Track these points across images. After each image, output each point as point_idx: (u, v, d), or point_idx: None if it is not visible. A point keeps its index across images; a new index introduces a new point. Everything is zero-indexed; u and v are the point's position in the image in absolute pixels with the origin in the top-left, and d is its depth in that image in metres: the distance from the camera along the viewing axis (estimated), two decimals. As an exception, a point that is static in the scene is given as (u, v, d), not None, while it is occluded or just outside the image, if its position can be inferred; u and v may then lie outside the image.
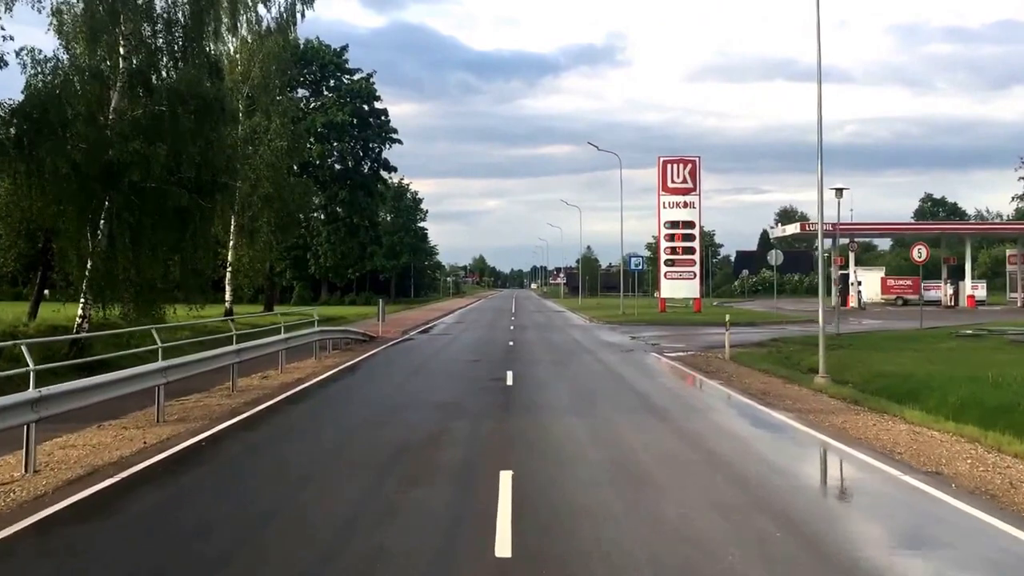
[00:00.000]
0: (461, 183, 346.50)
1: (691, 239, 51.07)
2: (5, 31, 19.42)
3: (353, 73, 72.36)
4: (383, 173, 76.53)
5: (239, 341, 16.58)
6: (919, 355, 20.97)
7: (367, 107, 72.76)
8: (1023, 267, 57.54)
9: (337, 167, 71.81)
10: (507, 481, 8.02)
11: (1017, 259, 59.07)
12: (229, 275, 38.02)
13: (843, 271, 59.27)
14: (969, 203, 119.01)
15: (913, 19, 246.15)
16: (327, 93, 71.24)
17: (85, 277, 21.11)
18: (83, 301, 21.41)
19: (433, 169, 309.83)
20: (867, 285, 60.47)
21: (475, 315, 53.22)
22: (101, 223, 21.11)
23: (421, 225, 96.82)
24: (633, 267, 55.97)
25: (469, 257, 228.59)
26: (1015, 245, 61.36)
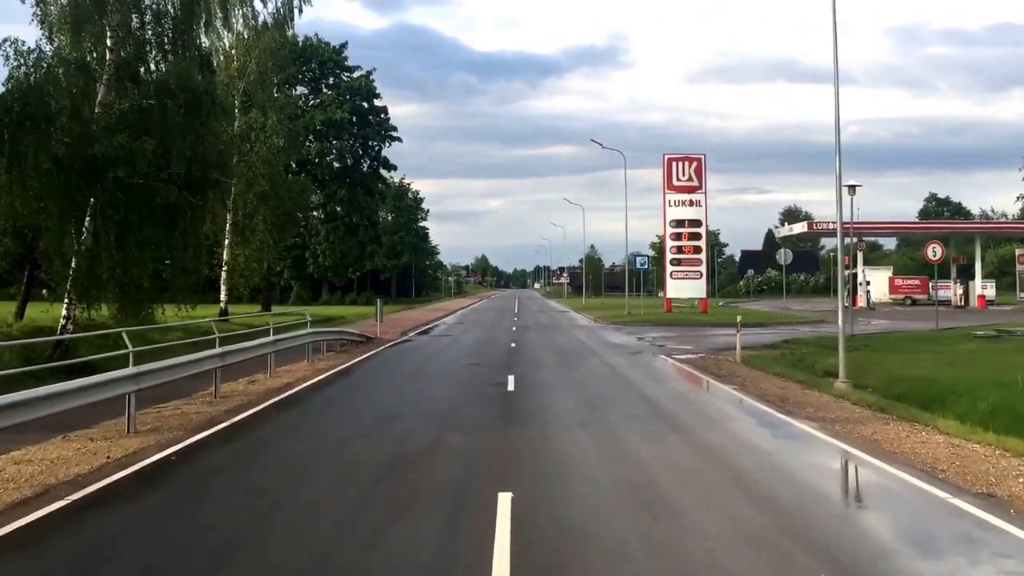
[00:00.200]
0: (463, 183, 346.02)
1: (697, 238, 50.11)
2: None
3: (353, 71, 71.48)
4: (383, 171, 75.77)
5: (228, 343, 15.91)
6: (938, 357, 20.35)
7: (366, 105, 71.87)
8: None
9: (336, 165, 70.93)
10: (505, 505, 7.09)
11: (1027, 258, 58.22)
12: (224, 274, 37.26)
13: (851, 271, 58.39)
14: (973, 203, 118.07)
15: (912, 21, 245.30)
16: (326, 91, 70.34)
17: (69, 276, 20.56)
18: (67, 301, 20.93)
19: (435, 169, 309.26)
20: (875, 285, 59.56)
21: (477, 315, 52.28)
22: (87, 220, 20.54)
23: (422, 224, 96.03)
24: (639, 266, 55.05)
25: (471, 257, 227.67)
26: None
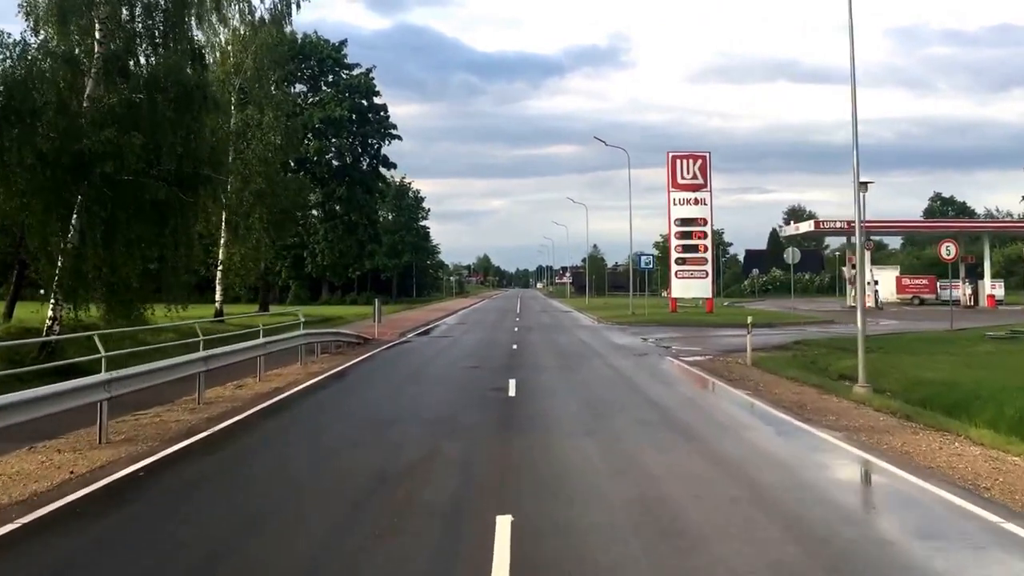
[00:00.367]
0: (465, 183, 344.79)
1: (703, 236, 49.26)
2: None
3: (352, 68, 70.77)
4: (382, 170, 75.09)
5: (219, 344, 15.23)
6: (955, 359, 19.62)
7: (366, 102, 71.14)
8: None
9: (335, 163, 70.19)
10: (504, 531, 6.32)
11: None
12: (220, 274, 36.54)
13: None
14: (975, 203, 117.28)
15: (912, 22, 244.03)
16: (325, 88, 69.59)
17: (55, 276, 19.85)
18: (53, 301, 20.28)
19: (436, 169, 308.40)
20: (883, 284, 58.63)
21: (478, 316, 51.46)
22: (73, 218, 19.83)
23: (423, 224, 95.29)
24: (643, 266, 54.14)
25: (473, 257, 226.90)
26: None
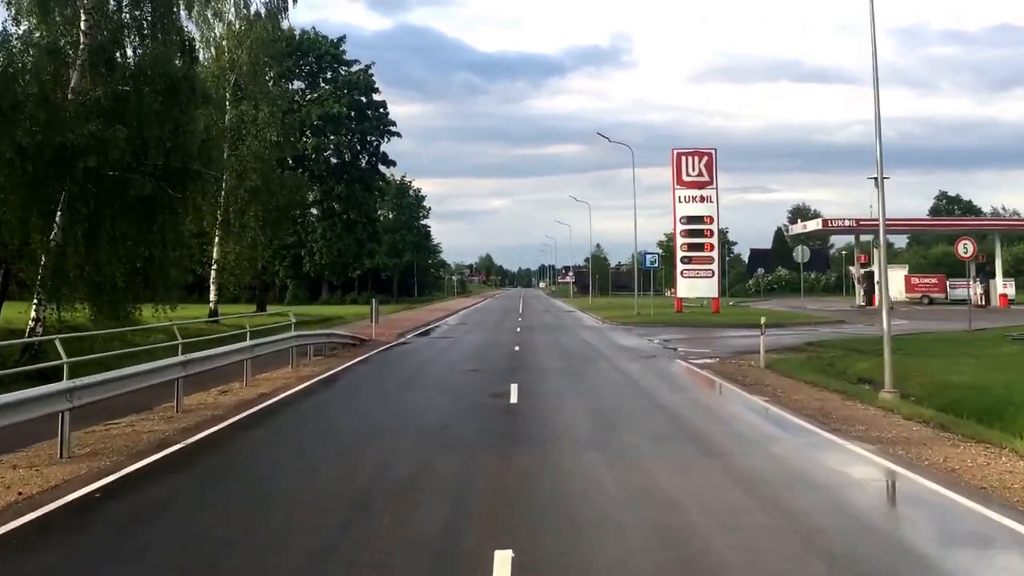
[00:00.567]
0: (467, 183, 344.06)
1: (709, 235, 48.29)
2: None
3: (351, 65, 69.79)
4: (382, 168, 74.12)
5: (209, 347, 14.48)
6: (980, 361, 18.77)
7: (365, 99, 70.22)
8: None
9: (333, 161, 69.20)
10: (504, 569, 5.40)
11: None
12: (214, 273, 35.65)
13: (866, 269, 56.53)
14: (981, 202, 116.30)
15: (913, 22, 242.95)
16: (324, 85, 68.64)
17: (38, 275, 19.07)
18: (36, 301, 19.48)
19: (438, 169, 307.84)
20: (892, 283, 57.61)
21: (480, 315, 50.51)
22: (57, 215, 19.00)
23: (424, 223, 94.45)
24: (648, 265, 53.13)
25: (476, 256, 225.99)
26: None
